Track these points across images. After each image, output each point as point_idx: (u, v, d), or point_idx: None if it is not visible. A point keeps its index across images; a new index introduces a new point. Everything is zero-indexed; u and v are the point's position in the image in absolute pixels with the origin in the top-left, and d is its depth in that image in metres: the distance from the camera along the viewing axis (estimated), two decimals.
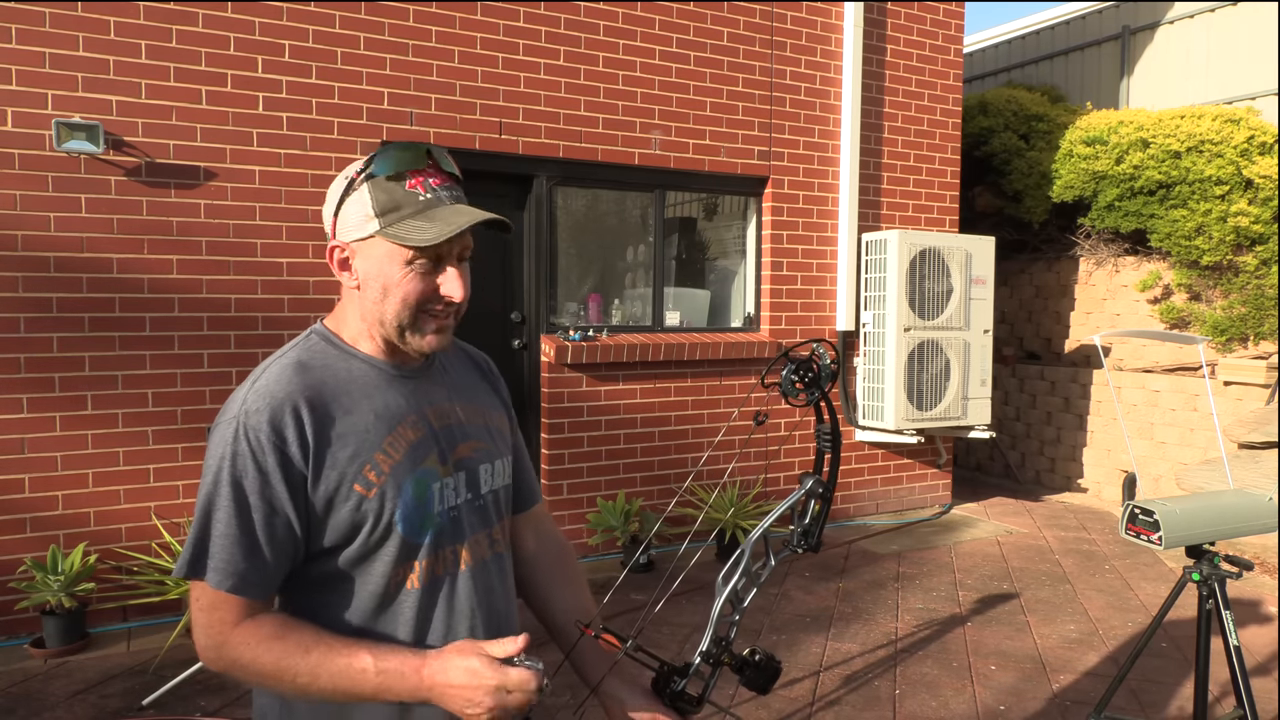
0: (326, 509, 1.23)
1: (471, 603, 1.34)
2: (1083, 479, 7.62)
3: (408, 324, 1.28)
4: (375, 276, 1.26)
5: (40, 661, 3.97)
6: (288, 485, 1.20)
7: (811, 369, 1.43)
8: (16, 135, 4.09)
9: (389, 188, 1.24)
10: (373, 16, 4.82)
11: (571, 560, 1.62)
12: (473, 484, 1.37)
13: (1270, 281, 6.72)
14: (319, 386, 1.26)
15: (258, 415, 1.20)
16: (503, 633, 1.39)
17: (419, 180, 1.25)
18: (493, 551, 1.41)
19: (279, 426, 1.20)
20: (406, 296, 1.26)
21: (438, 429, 1.34)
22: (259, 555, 1.20)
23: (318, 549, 1.25)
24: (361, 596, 1.27)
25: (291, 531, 1.22)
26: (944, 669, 4.01)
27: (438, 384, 1.39)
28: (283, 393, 1.23)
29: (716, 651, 1.35)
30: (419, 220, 1.23)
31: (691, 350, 5.79)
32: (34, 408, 4.18)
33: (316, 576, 1.27)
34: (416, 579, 1.29)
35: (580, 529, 5.46)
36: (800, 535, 1.43)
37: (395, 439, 1.28)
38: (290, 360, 1.28)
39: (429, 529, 1.29)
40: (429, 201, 1.25)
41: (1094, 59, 9.24)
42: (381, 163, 1.25)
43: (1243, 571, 2.63)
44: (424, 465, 1.30)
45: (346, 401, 1.27)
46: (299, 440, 1.21)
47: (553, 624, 1.55)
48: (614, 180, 5.71)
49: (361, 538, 1.24)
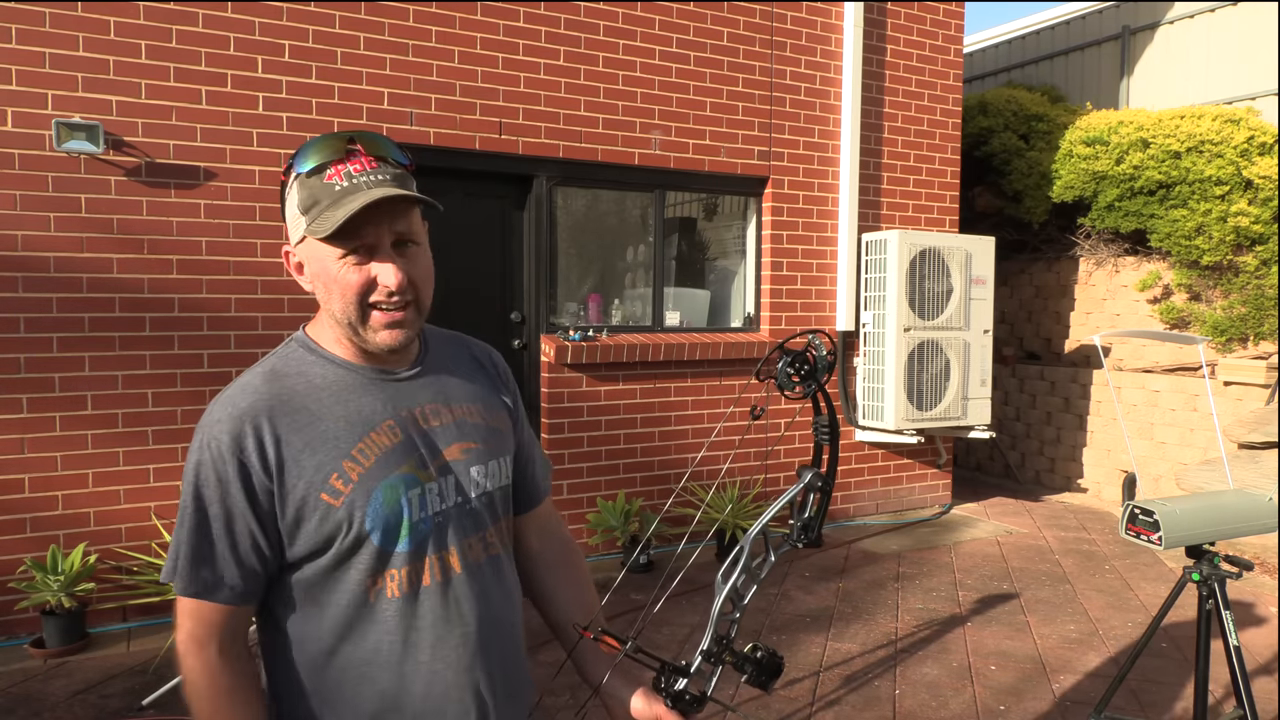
0: (296, 519, 1.22)
1: (463, 609, 1.31)
2: (1083, 479, 7.62)
3: (356, 320, 1.24)
4: (319, 276, 1.25)
5: (40, 661, 3.97)
6: (247, 495, 1.20)
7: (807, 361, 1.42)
8: (16, 135, 4.09)
9: (310, 184, 1.21)
10: (373, 16, 4.82)
11: (576, 558, 1.60)
12: (461, 488, 1.34)
13: (1270, 281, 6.73)
14: (287, 395, 1.24)
15: (219, 426, 1.21)
16: (500, 638, 1.38)
17: (339, 169, 1.20)
18: (487, 555, 1.37)
19: (239, 437, 1.20)
20: (344, 291, 1.23)
21: (419, 432, 1.31)
22: (218, 563, 1.21)
23: (294, 558, 1.24)
24: (339, 606, 1.25)
25: (255, 540, 1.21)
26: (944, 669, 4.01)
27: (426, 385, 1.35)
28: (245, 403, 1.22)
29: (718, 650, 1.34)
30: (331, 210, 1.19)
31: (691, 350, 5.79)
32: (34, 408, 4.18)
33: (295, 586, 1.26)
34: (396, 588, 1.26)
35: (580, 529, 5.46)
36: (800, 529, 1.42)
37: (366, 445, 1.25)
38: (263, 369, 1.28)
39: (405, 537, 1.26)
40: (345, 190, 1.19)
41: (1094, 59, 9.24)
42: (301, 158, 1.22)
43: (1243, 571, 2.63)
44: (399, 471, 1.26)
45: (316, 409, 1.25)
46: (258, 451, 1.20)
47: (555, 622, 1.53)
48: (614, 180, 5.71)
49: (335, 548, 1.23)
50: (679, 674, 1.35)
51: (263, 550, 1.22)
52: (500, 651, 1.37)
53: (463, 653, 1.31)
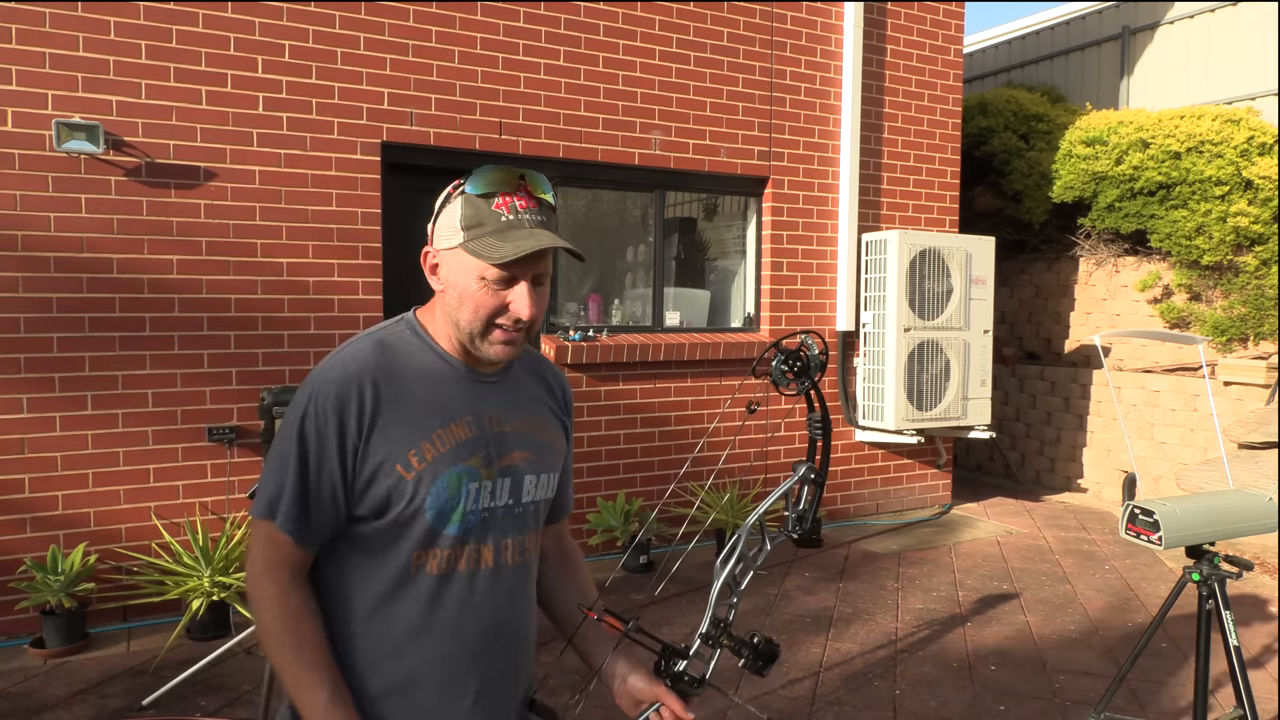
0: (370, 480, 1.33)
1: (487, 602, 1.42)
2: (1083, 479, 7.62)
3: (477, 332, 1.37)
4: (455, 285, 1.36)
5: (40, 661, 3.97)
6: (340, 451, 1.32)
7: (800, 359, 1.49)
8: (16, 135, 4.09)
9: (477, 204, 1.34)
10: (373, 16, 4.82)
11: (578, 559, 1.72)
12: (515, 490, 1.45)
13: (1270, 281, 6.73)
14: (391, 369, 1.37)
15: (329, 385, 1.34)
16: (515, 642, 1.48)
17: (506, 201, 1.34)
18: (521, 559, 1.47)
19: (344, 398, 1.33)
20: (478, 308, 1.35)
21: (491, 433, 1.43)
22: (311, 508, 1.33)
23: (355, 514, 1.36)
24: (384, 568, 1.37)
25: (335, 493, 1.34)
26: (944, 669, 4.00)
27: (504, 392, 1.47)
28: (355, 367, 1.35)
29: (715, 633, 1.39)
30: (495, 239, 1.32)
31: (691, 350, 5.79)
32: (34, 408, 4.18)
33: (350, 539, 1.37)
34: (436, 565, 1.37)
35: (580, 529, 5.46)
36: (795, 521, 1.50)
37: (446, 433, 1.38)
38: (375, 339, 1.40)
39: (456, 522, 1.37)
40: (510, 222, 1.33)
41: (1094, 59, 9.24)
42: (475, 180, 1.35)
43: (1243, 571, 2.63)
44: (466, 463, 1.38)
45: (412, 387, 1.38)
46: (358, 413, 1.33)
47: (556, 613, 1.64)
48: (614, 180, 5.71)
49: (393, 514, 1.34)
50: (678, 656, 1.41)
51: (339, 503, 1.35)
52: (507, 649, 1.47)
53: (476, 641, 1.41)
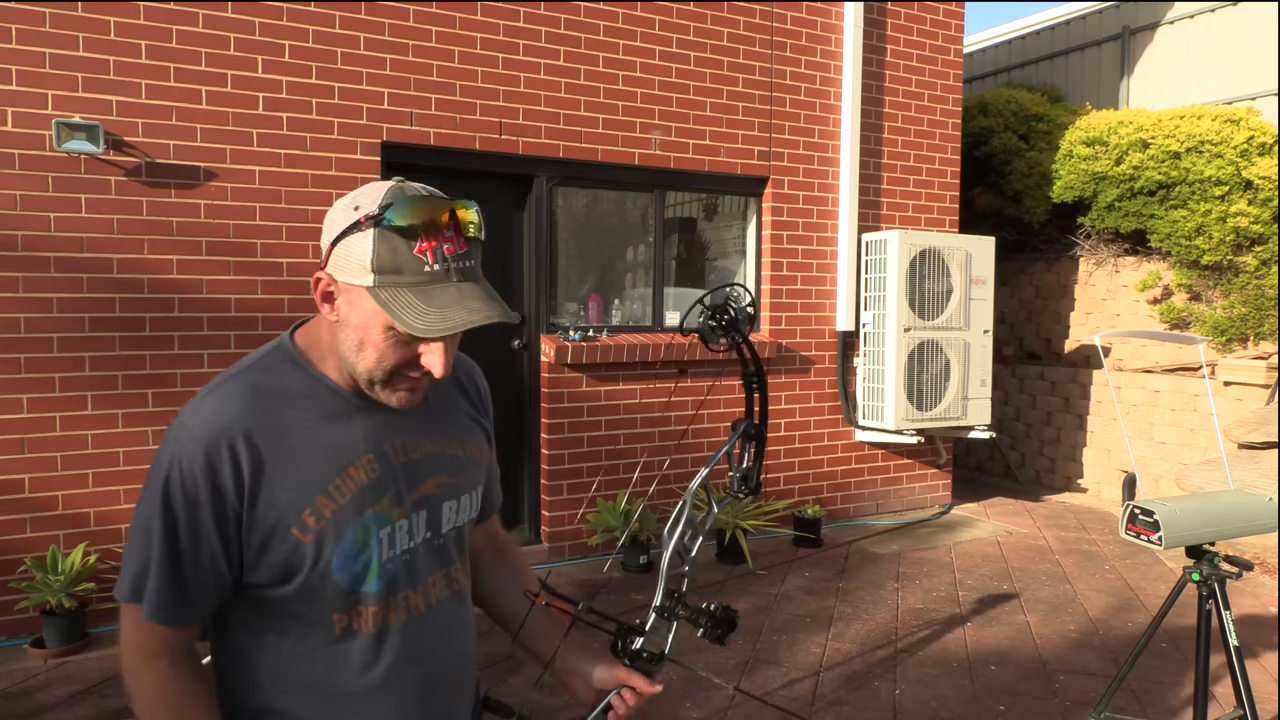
0: (261, 547, 1.18)
1: (425, 647, 1.30)
2: (1083, 479, 7.62)
3: (378, 380, 1.20)
4: (356, 327, 1.17)
5: (40, 662, 3.97)
6: (216, 519, 1.16)
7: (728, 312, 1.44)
8: (16, 135, 4.09)
9: (396, 244, 1.12)
10: (373, 16, 4.82)
11: (513, 550, 1.59)
12: (433, 523, 1.31)
13: (1270, 281, 6.72)
14: (268, 417, 1.19)
15: (194, 444, 1.16)
16: (458, 675, 1.38)
17: (431, 245, 1.12)
18: (451, 590, 1.35)
19: (214, 459, 1.15)
20: (382, 359, 1.18)
21: (397, 466, 1.27)
22: (183, 587, 1.17)
23: (253, 583, 1.20)
24: (307, 636, 1.23)
25: (216, 564, 1.18)
26: (944, 669, 4.00)
27: (410, 415, 1.29)
28: (223, 423, 1.17)
29: (670, 605, 1.36)
30: (415, 296, 1.12)
31: (692, 350, 5.78)
32: (34, 408, 4.18)
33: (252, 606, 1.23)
34: (363, 623, 1.24)
35: (580, 529, 5.46)
36: (739, 480, 1.47)
37: (343, 481, 1.21)
38: (245, 383, 1.22)
39: (374, 579, 1.23)
40: (434, 275, 1.13)
41: (1094, 59, 9.23)
42: (398, 210, 1.12)
43: (1243, 571, 2.63)
44: (374, 509, 1.23)
45: (296, 435, 1.20)
46: (234, 476, 1.16)
47: (500, 613, 1.52)
48: (614, 180, 5.71)
49: (297, 581, 1.19)
50: (634, 634, 1.37)
51: (222, 574, 1.19)
52: (452, 688, 1.37)
53: (418, 690, 1.29)
